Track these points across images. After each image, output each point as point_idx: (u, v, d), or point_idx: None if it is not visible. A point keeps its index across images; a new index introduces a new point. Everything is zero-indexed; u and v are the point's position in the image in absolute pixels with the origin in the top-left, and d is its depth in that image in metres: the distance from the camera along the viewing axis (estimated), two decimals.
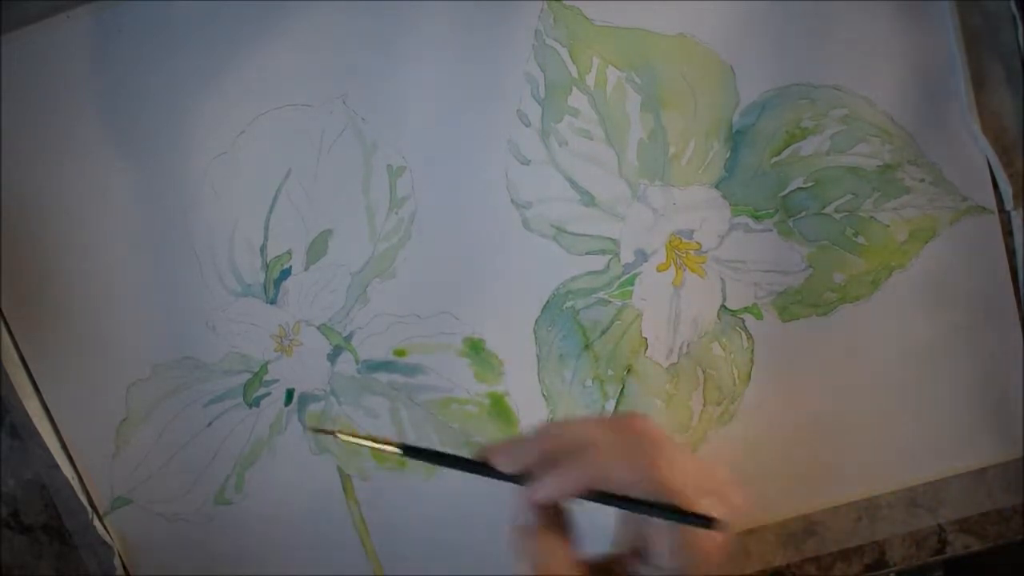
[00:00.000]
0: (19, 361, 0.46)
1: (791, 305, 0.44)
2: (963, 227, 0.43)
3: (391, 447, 0.37)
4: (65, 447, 0.47)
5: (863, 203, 0.43)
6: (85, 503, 0.47)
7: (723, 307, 0.44)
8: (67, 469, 0.47)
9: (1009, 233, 0.43)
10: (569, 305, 0.45)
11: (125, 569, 0.48)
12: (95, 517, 0.48)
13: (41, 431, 0.46)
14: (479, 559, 0.47)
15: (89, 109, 0.44)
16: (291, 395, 0.46)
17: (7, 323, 0.46)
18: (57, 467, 0.47)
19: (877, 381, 0.44)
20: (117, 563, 0.48)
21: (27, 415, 0.46)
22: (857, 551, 0.46)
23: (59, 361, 0.47)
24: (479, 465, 0.35)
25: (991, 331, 0.44)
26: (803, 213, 0.44)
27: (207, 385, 0.46)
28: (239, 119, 0.44)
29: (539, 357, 0.45)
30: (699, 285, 0.44)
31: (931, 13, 0.42)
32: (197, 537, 0.48)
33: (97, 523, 0.48)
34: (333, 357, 0.46)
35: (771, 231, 0.44)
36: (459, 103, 0.44)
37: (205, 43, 0.44)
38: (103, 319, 0.46)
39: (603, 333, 0.45)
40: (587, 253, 0.44)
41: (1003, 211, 0.43)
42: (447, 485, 0.46)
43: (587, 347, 0.45)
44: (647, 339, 0.45)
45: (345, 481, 0.47)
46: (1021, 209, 0.43)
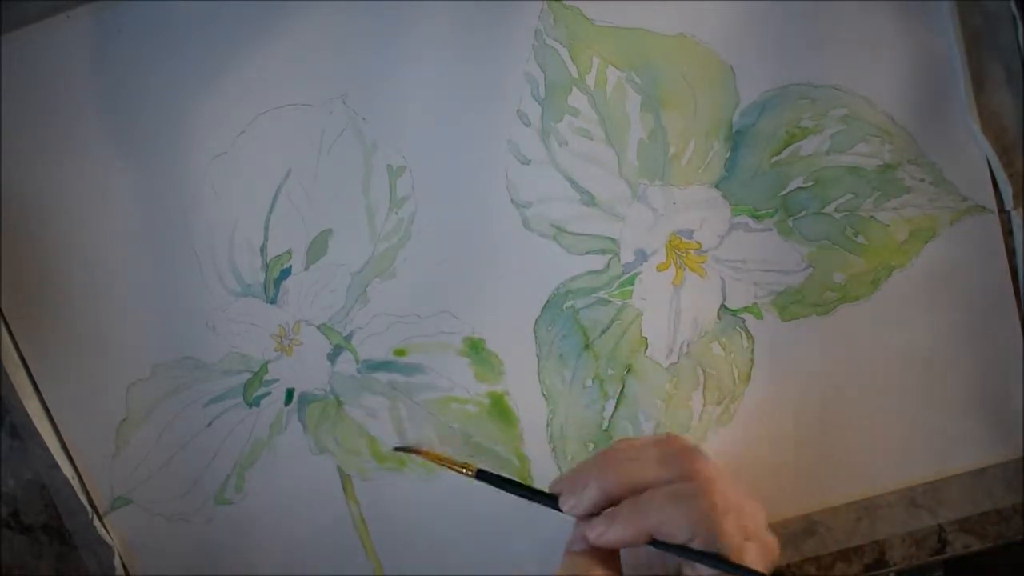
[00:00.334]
0: (19, 361, 0.46)
1: (791, 305, 0.44)
2: (963, 227, 0.43)
3: (467, 471, 0.42)
4: (65, 447, 0.47)
5: (863, 203, 0.43)
6: (85, 503, 0.47)
7: (723, 307, 0.44)
8: (67, 469, 0.47)
9: (1009, 233, 0.43)
10: (569, 305, 0.45)
11: (125, 569, 0.48)
12: (95, 517, 0.48)
13: (41, 431, 0.46)
14: (479, 559, 0.47)
15: (89, 109, 0.44)
16: (291, 395, 0.46)
17: (7, 323, 0.46)
18: (57, 467, 0.47)
19: (877, 381, 0.44)
20: (117, 563, 0.48)
21: (27, 415, 0.46)
22: (857, 551, 0.46)
23: (59, 361, 0.47)
24: (548, 497, 0.39)
25: (991, 331, 0.44)
26: (803, 213, 0.44)
27: (207, 385, 0.46)
28: (239, 119, 0.44)
29: (539, 357, 0.45)
30: (699, 285, 0.44)
31: (931, 13, 0.42)
32: (197, 537, 0.48)
33: (97, 523, 0.47)
34: (333, 357, 0.46)
35: (771, 231, 0.44)
36: (459, 103, 0.44)
37: (205, 43, 0.44)
38: (103, 319, 0.46)
39: (603, 333, 0.45)
40: (587, 253, 0.44)
41: (1003, 211, 0.43)
42: (447, 485, 0.46)
43: (587, 347, 0.45)
44: (647, 339, 0.45)
45: (345, 481, 0.47)
46: (1021, 209, 0.43)
